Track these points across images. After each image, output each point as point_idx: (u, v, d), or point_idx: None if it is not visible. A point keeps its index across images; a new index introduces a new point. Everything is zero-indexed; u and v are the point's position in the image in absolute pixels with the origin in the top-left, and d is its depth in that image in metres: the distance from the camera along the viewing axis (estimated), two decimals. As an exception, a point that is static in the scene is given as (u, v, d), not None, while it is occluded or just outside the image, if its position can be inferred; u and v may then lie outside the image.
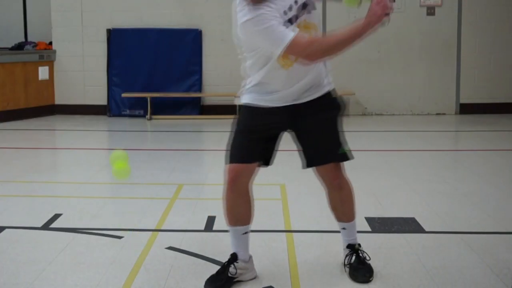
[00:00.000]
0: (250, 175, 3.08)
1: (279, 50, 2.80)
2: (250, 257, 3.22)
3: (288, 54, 2.84)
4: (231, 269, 3.12)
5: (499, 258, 3.50)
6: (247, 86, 3.07)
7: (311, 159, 3.13)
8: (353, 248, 3.27)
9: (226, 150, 3.08)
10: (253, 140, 3.04)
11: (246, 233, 3.16)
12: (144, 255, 3.58)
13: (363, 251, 3.29)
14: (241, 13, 2.84)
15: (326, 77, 3.08)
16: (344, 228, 3.29)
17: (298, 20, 2.89)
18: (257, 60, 2.97)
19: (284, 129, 3.12)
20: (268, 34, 2.79)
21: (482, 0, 9.74)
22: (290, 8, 2.86)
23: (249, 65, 3.03)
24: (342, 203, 3.24)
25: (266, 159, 3.11)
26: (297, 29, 2.84)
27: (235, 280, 3.14)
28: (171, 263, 3.45)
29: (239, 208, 3.11)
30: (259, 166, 3.10)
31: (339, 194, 3.21)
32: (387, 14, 2.75)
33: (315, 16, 2.97)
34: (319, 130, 3.08)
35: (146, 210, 4.52)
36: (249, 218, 3.15)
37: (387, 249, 3.66)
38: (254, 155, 3.05)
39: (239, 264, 3.14)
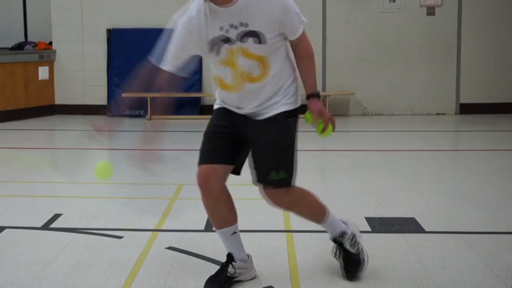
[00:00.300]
0: (219, 178, 3.01)
1: (158, 64, 3.10)
2: (249, 256, 3.20)
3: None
4: (230, 269, 3.11)
5: (499, 258, 3.50)
6: (216, 90, 3.15)
7: (255, 175, 3.04)
8: (336, 241, 3.24)
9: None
10: (218, 139, 3.03)
11: (234, 233, 3.13)
12: (144, 255, 3.58)
13: (352, 240, 3.20)
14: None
15: (285, 96, 2.97)
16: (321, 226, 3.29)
17: (236, 45, 2.85)
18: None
19: (241, 134, 3.03)
20: (165, 41, 3.05)
21: (482, 0, 9.75)
22: (231, 26, 2.82)
23: None
24: (303, 214, 3.23)
25: (235, 165, 3.05)
26: (227, 55, 2.89)
27: (235, 280, 3.14)
28: (171, 263, 3.45)
29: (219, 211, 3.07)
30: (231, 171, 3.05)
31: (290, 210, 3.24)
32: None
33: (265, 49, 2.86)
34: (259, 149, 2.99)
35: (146, 210, 4.52)
36: (232, 218, 3.11)
37: (387, 249, 3.66)
38: (220, 156, 3.01)
39: (237, 263, 3.13)
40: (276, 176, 2.95)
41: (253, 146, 3.01)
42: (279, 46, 2.92)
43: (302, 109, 3.02)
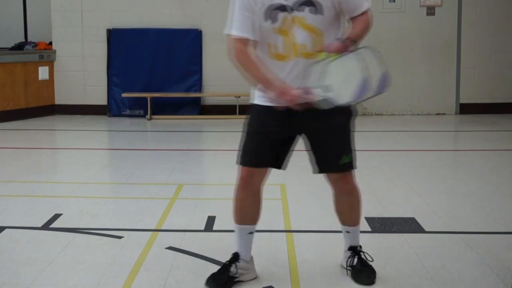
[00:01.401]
0: (262, 177, 3.07)
1: (225, 30, 2.91)
2: (251, 257, 3.21)
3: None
4: (232, 268, 3.12)
5: (499, 258, 3.51)
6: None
7: (320, 165, 3.08)
8: (355, 250, 3.26)
9: (238, 150, 3.07)
10: (267, 143, 3.00)
11: (251, 233, 3.16)
12: (144, 255, 3.58)
13: (365, 252, 3.28)
14: None
15: None
16: (348, 232, 3.28)
17: (294, 14, 2.83)
18: (258, 48, 2.94)
19: (297, 132, 3.05)
20: (233, 11, 2.88)
21: (482, 0, 9.74)
22: None
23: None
24: (350, 207, 3.22)
25: (278, 163, 3.07)
26: (283, 22, 2.82)
27: (236, 280, 3.14)
28: (171, 263, 3.45)
29: (249, 208, 3.11)
30: (277, 167, 3.08)
31: (348, 198, 3.19)
32: (283, 100, 2.77)
33: (323, 21, 2.85)
34: (326, 136, 3.02)
35: (146, 210, 4.51)
36: (256, 218, 3.15)
37: (387, 249, 3.66)
38: (267, 160, 3.03)
39: (240, 264, 3.14)
40: (346, 159, 3.02)
41: (315, 134, 3.01)
42: (336, 26, 2.91)
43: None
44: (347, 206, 3.22)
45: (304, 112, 2.85)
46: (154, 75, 9.80)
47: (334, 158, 3.03)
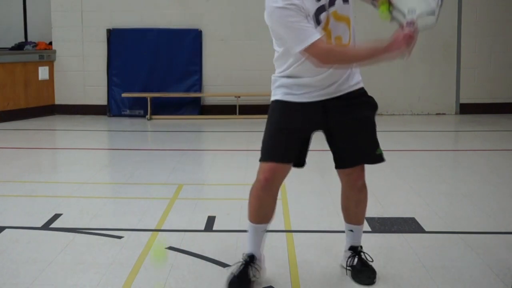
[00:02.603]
0: (285, 175, 3.02)
1: (299, 48, 2.73)
2: (263, 256, 3.16)
3: (305, 54, 2.76)
4: (250, 271, 3.06)
5: (499, 258, 3.50)
6: (278, 80, 2.99)
7: (345, 159, 3.07)
8: (355, 250, 3.25)
9: (262, 147, 3.00)
10: (293, 139, 2.97)
11: (265, 231, 3.13)
12: (144, 255, 3.58)
13: (365, 252, 3.28)
14: None
15: (357, 72, 3.04)
16: (351, 230, 3.27)
17: (333, 8, 2.83)
18: (286, 50, 2.87)
19: (318, 128, 3.04)
20: (293, 28, 2.73)
21: (482, 0, 9.74)
22: None
23: (279, 53, 2.94)
24: (357, 204, 3.21)
25: (300, 160, 3.07)
26: (322, 32, 2.79)
27: (253, 281, 3.08)
28: (171, 263, 3.45)
29: (267, 208, 3.06)
30: (297, 165, 3.07)
31: (357, 195, 3.19)
32: (408, 46, 2.75)
33: (349, 9, 2.91)
34: (356, 129, 3.03)
35: (146, 210, 4.51)
36: (272, 216, 3.12)
37: (387, 249, 3.66)
38: (292, 155, 3.00)
39: (256, 265, 3.09)
40: (380, 151, 3.09)
41: (346, 125, 3.00)
42: (351, 13, 2.94)
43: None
44: (354, 203, 3.21)
45: (335, 106, 2.93)
46: (154, 75, 9.80)
47: (372, 149, 3.07)
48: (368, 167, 3.19)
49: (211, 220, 4.24)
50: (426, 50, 9.82)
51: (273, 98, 3.03)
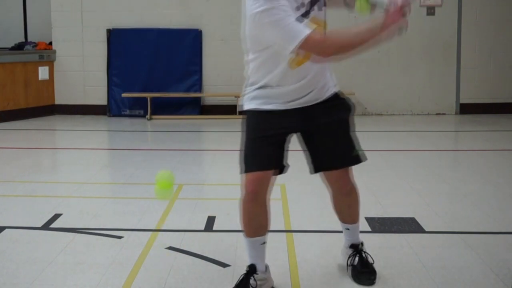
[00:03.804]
0: (269, 183, 2.94)
1: (292, 46, 2.66)
2: (267, 267, 3.10)
3: (302, 50, 2.71)
4: (252, 281, 2.99)
5: (499, 258, 3.50)
6: (250, 91, 2.95)
7: (322, 163, 3.03)
8: (356, 249, 3.25)
9: (240, 161, 2.94)
10: (268, 145, 2.92)
11: (264, 243, 3.05)
12: (144, 255, 3.58)
13: (366, 252, 3.27)
14: (256, 4, 2.67)
15: (331, 78, 3.02)
16: (347, 229, 3.27)
17: (309, 17, 2.80)
18: (266, 60, 2.83)
19: (294, 131, 3.01)
20: (282, 27, 2.66)
21: (482, 0, 9.74)
22: (302, 4, 2.77)
23: (255, 66, 2.89)
24: (349, 207, 3.20)
25: (281, 164, 2.99)
26: (313, 25, 2.75)
27: None
28: (171, 263, 3.45)
29: (259, 219, 2.98)
30: (278, 172, 2.99)
31: (347, 199, 3.17)
32: (404, 16, 2.73)
33: (324, 15, 2.90)
34: (331, 133, 3.00)
35: (146, 210, 4.51)
36: (267, 227, 3.03)
37: (387, 249, 3.66)
38: (272, 161, 2.93)
39: (259, 275, 3.01)
40: (356, 152, 3.02)
41: (321, 130, 2.97)
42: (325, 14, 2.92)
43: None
44: (346, 206, 3.21)
45: (312, 110, 2.91)
46: (154, 75, 9.80)
47: (347, 150, 3.02)
48: (368, 167, 3.19)
49: (211, 220, 4.24)
50: (426, 50, 9.82)
51: (246, 108, 2.96)
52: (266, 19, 2.67)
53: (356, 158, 3.03)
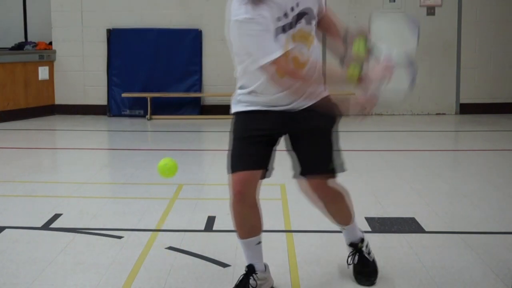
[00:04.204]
0: (256, 183, 2.91)
1: (263, 61, 2.67)
2: (266, 266, 3.09)
3: (267, 68, 2.70)
4: (251, 281, 2.98)
5: (499, 258, 3.50)
6: (238, 94, 2.96)
7: (301, 168, 2.99)
8: (355, 247, 3.23)
9: (227, 162, 2.93)
10: (253, 145, 2.90)
11: (259, 243, 3.03)
12: (144, 255, 3.58)
13: (367, 248, 3.22)
14: (238, 11, 2.67)
15: (322, 83, 2.93)
16: (344, 229, 3.26)
17: (294, 30, 2.75)
18: (250, 65, 2.80)
19: (280, 133, 2.98)
20: (260, 40, 2.66)
21: (482, 0, 9.75)
22: (286, 15, 2.72)
23: (242, 69, 2.89)
24: (337, 212, 3.16)
25: (266, 164, 2.94)
26: (285, 46, 2.71)
27: None
28: (171, 263, 3.45)
29: (250, 220, 2.96)
30: (263, 175, 2.94)
31: (334, 205, 3.13)
32: (384, 79, 2.69)
33: (311, 29, 2.84)
34: (312, 140, 2.94)
35: (146, 210, 4.51)
36: (260, 227, 3.01)
37: (387, 249, 3.66)
38: (257, 161, 2.90)
39: (258, 275, 3.00)
40: (335, 163, 2.95)
41: (304, 137, 2.93)
42: (315, 29, 2.88)
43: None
44: (334, 212, 3.16)
45: (296, 114, 2.87)
46: (154, 75, 9.80)
47: (324, 162, 2.94)
48: (368, 167, 3.19)
49: (211, 220, 4.24)
50: (426, 50, 9.82)
51: (233, 110, 2.98)
52: (246, 28, 2.67)
53: (331, 171, 2.96)
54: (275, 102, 2.89)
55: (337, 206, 3.13)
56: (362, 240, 3.25)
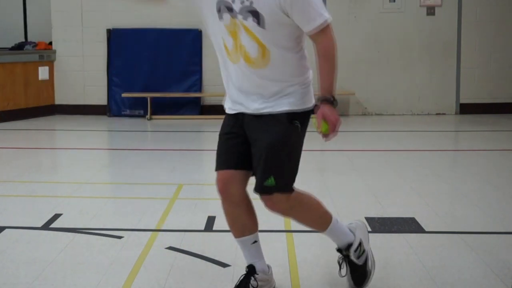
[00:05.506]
0: (239, 183, 2.81)
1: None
2: (270, 267, 3.04)
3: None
4: (252, 281, 2.92)
5: (499, 258, 3.51)
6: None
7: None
8: (341, 253, 3.10)
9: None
10: (230, 142, 2.84)
11: (255, 242, 2.95)
12: (144, 255, 3.58)
13: (356, 251, 3.07)
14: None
15: (291, 97, 2.76)
16: (324, 234, 3.11)
17: (237, 19, 2.67)
18: (218, 54, 2.88)
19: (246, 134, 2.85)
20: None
21: (482, 0, 9.75)
22: (220, 9, 2.72)
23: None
24: (305, 222, 3.04)
25: (245, 164, 2.82)
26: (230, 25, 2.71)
27: None
28: (171, 263, 3.45)
29: (240, 219, 2.90)
30: (250, 174, 2.86)
31: (296, 217, 3.00)
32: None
33: (265, 36, 2.66)
34: (256, 151, 2.77)
35: (146, 210, 4.51)
36: (253, 226, 2.94)
37: (387, 249, 3.66)
38: (238, 160, 2.81)
39: (259, 276, 2.94)
40: (270, 182, 2.73)
41: (252, 148, 2.81)
42: (289, 47, 2.70)
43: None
44: (301, 222, 3.04)
45: (249, 121, 2.79)
46: (154, 75, 9.80)
47: (259, 178, 2.75)
48: (368, 167, 3.18)
49: (211, 220, 4.24)
50: (426, 50, 9.83)
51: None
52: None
53: (266, 189, 2.74)
54: (236, 98, 2.84)
55: (301, 217, 2.98)
56: (349, 246, 3.05)
